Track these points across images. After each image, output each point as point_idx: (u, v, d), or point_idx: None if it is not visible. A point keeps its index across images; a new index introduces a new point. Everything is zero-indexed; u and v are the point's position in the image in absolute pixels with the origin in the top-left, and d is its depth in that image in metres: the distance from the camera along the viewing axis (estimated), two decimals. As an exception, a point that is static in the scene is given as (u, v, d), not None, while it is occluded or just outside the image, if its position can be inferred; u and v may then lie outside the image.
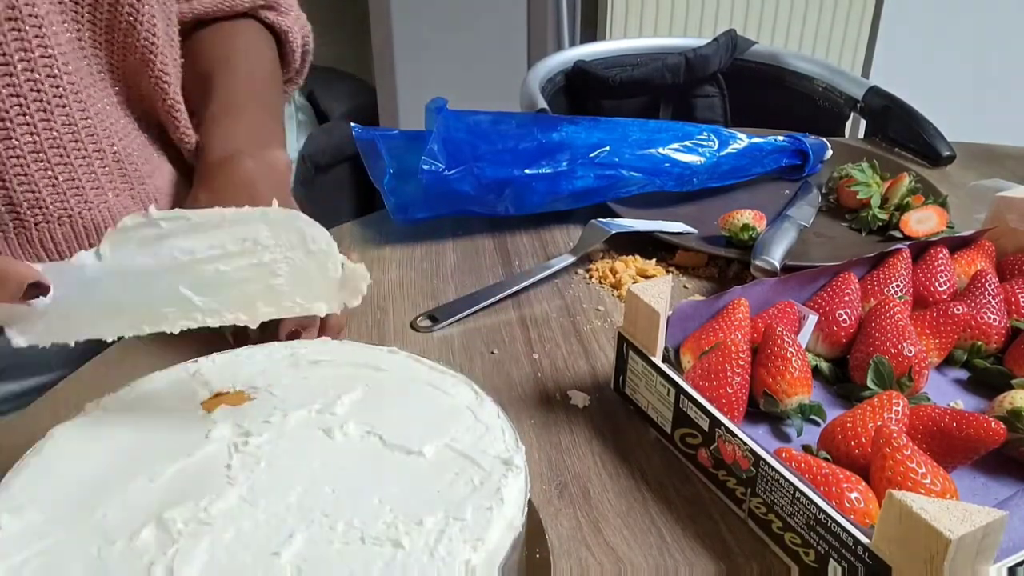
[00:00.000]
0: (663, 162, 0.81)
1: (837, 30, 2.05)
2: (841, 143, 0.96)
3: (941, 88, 1.99)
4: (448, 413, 0.43)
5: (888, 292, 0.61)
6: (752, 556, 0.46)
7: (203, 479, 0.39)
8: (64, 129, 0.60)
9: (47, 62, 0.58)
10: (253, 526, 0.36)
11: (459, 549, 0.35)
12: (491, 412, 0.44)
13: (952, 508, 0.37)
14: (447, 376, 0.46)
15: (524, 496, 0.39)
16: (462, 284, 0.72)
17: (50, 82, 0.58)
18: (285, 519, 0.37)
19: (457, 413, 0.43)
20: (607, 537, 0.47)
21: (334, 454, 0.40)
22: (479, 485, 0.39)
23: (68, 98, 0.60)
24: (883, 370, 0.55)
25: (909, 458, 0.44)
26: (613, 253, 0.76)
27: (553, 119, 0.83)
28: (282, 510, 0.37)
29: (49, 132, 0.59)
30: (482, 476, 0.39)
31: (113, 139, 0.64)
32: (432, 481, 0.39)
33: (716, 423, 0.48)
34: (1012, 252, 0.67)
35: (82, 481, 0.39)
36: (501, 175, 0.76)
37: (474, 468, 0.40)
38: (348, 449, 0.41)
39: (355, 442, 0.41)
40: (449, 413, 0.43)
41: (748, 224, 0.73)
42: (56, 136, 0.60)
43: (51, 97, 0.59)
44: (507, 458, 0.40)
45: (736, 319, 0.56)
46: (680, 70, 1.27)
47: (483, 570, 0.35)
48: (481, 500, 0.38)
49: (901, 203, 0.80)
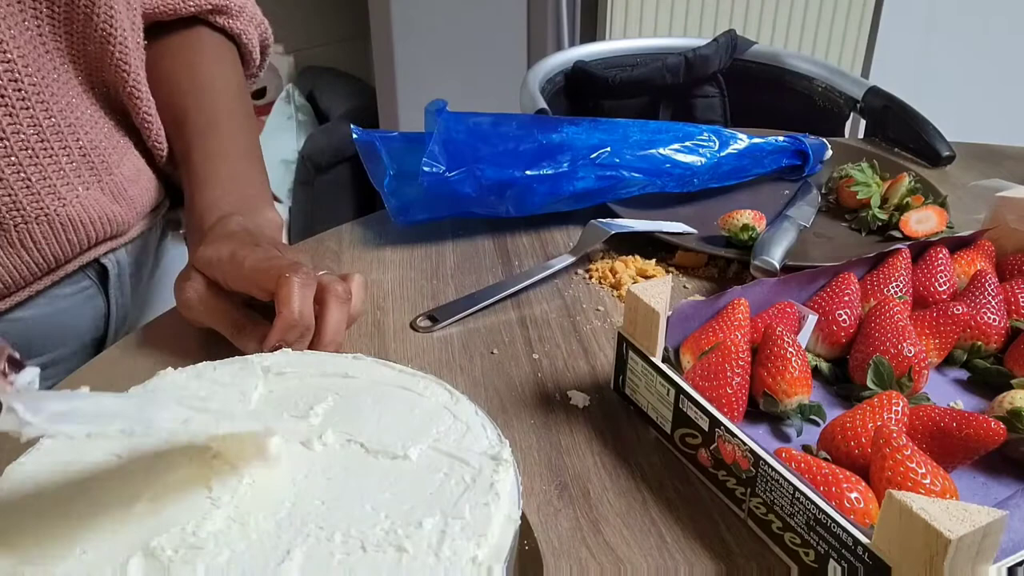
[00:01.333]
0: (664, 163, 0.81)
1: (837, 30, 2.05)
2: (841, 143, 0.96)
3: (941, 88, 2.00)
4: (426, 415, 0.43)
5: (888, 292, 0.61)
6: (752, 556, 0.46)
7: (183, 502, 0.37)
8: (31, 131, 0.61)
9: (7, 67, 0.58)
10: (247, 546, 0.35)
11: (463, 547, 0.35)
12: (468, 410, 0.43)
13: (952, 508, 0.37)
14: (417, 378, 0.46)
15: (517, 489, 0.39)
16: (462, 284, 0.72)
17: (12, 87, 0.59)
18: (279, 536, 0.36)
19: (435, 414, 0.43)
20: (607, 537, 0.47)
21: (317, 465, 0.40)
22: (471, 483, 0.38)
23: (31, 100, 0.60)
24: (883, 370, 0.55)
25: (909, 458, 0.44)
26: (613, 253, 0.76)
27: (553, 120, 0.83)
28: (274, 527, 0.36)
29: (17, 136, 0.60)
30: (473, 474, 0.39)
31: (79, 133, 0.65)
32: (423, 483, 0.39)
33: (716, 423, 0.48)
34: (1012, 252, 0.67)
35: (53, 512, 0.37)
36: (502, 177, 0.76)
37: (463, 467, 0.39)
38: (330, 459, 0.40)
39: (336, 451, 0.40)
40: (427, 415, 0.43)
41: (748, 224, 0.73)
42: (24, 138, 0.60)
43: (15, 101, 0.59)
44: (495, 454, 0.40)
45: (736, 319, 0.56)
46: (680, 70, 1.27)
47: (489, 564, 0.35)
48: (477, 497, 0.38)
49: (901, 203, 0.80)
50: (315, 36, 2.62)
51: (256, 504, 0.37)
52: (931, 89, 1.90)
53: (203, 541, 0.35)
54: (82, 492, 0.38)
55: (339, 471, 0.39)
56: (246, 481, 0.38)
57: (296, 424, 0.42)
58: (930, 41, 2.09)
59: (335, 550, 0.35)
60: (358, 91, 2.47)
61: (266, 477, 0.39)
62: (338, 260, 0.75)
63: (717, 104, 1.34)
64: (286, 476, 0.39)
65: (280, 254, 0.58)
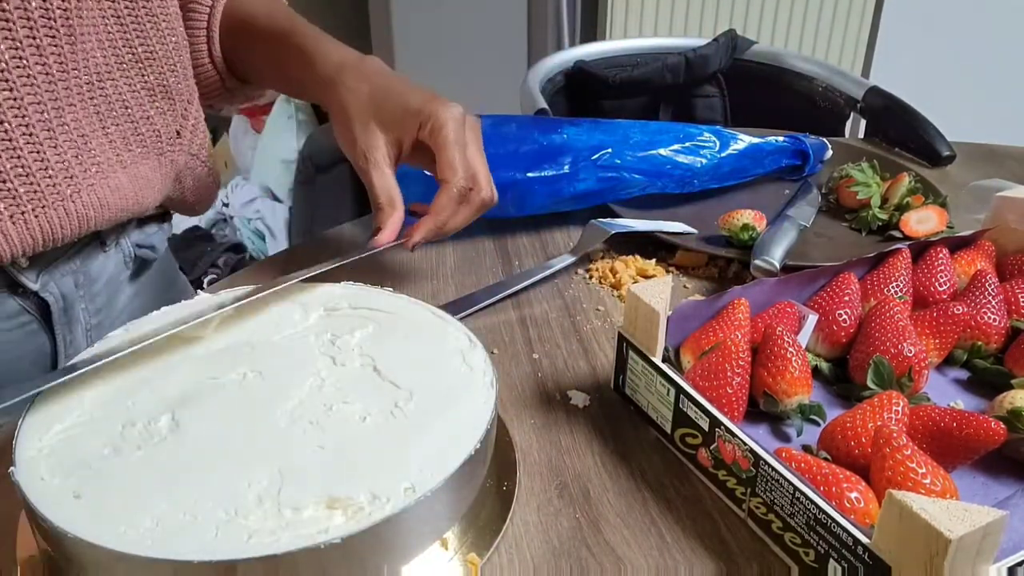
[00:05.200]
0: (665, 164, 0.81)
1: (837, 30, 2.05)
2: (841, 143, 0.96)
3: (941, 88, 1.99)
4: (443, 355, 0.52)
5: (888, 292, 0.61)
6: (752, 556, 0.46)
7: (215, 388, 0.48)
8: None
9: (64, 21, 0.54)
10: (253, 402, 0.47)
11: None
12: (480, 357, 0.51)
13: (952, 508, 0.37)
14: (447, 323, 0.54)
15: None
16: (462, 284, 0.72)
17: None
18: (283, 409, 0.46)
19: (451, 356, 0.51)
20: (607, 537, 0.47)
21: (334, 376, 0.49)
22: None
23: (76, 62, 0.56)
24: (883, 370, 0.55)
25: (909, 458, 0.44)
26: (613, 253, 0.76)
27: (553, 121, 0.83)
28: (280, 408, 0.46)
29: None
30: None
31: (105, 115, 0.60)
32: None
33: (716, 423, 0.48)
34: (1012, 252, 0.67)
35: (126, 377, 0.48)
36: (503, 178, 0.76)
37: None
38: (348, 375, 0.49)
39: (356, 370, 0.49)
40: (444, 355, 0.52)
41: (748, 224, 0.73)
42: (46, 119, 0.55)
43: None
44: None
45: (736, 319, 0.56)
46: (680, 70, 1.27)
47: None
48: None
49: (901, 203, 0.80)
50: (315, 36, 2.61)
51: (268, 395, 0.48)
52: (931, 89, 1.90)
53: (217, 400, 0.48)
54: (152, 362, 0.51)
55: (350, 385, 0.48)
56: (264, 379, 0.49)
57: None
58: (930, 41, 2.09)
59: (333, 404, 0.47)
60: (358, 91, 2.47)
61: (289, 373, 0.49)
62: (338, 260, 0.75)
63: (717, 104, 1.34)
64: (308, 377, 0.49)
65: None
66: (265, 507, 0.39)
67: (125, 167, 0.62)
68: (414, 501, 0.39)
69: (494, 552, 0.46)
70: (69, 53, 0.56)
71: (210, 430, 0.44)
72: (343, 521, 0.39)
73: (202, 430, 0.44)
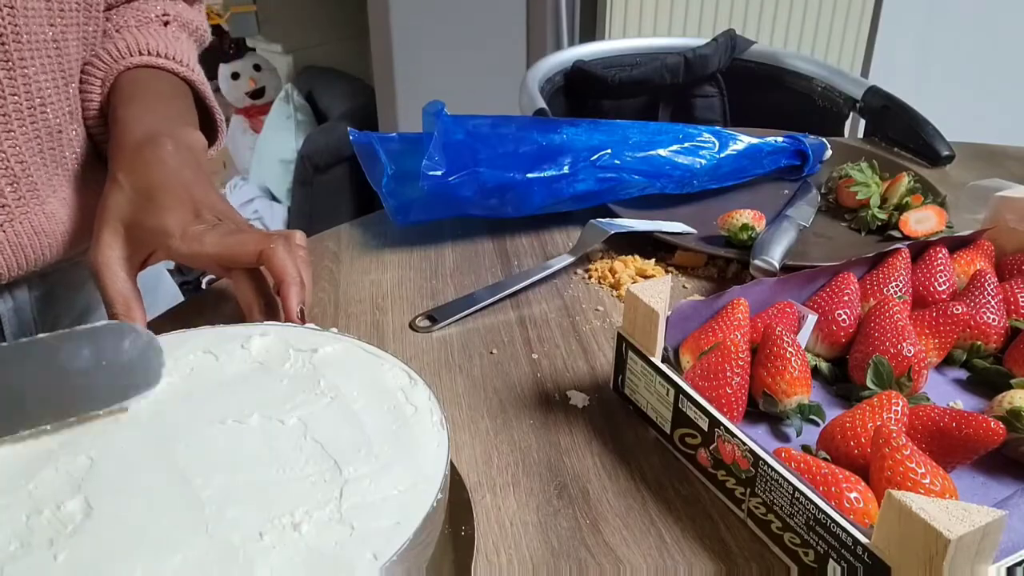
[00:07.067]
0: (664, 164, 0.81)
1: (837, 30, 2.05)
2: (840, 143, 0.96)
3: (941, 88, 2.00)
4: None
5: (887, 292, 0.61)
6: (751, 556, 0.46)
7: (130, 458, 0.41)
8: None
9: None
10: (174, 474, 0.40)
11: None
12: (423, 395, 0.45)
13: (951, 508, 0.37)
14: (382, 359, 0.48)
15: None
16: (461, 284, 0.72)
17: None
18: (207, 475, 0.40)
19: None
20: (606, 537, 0.47)
21: (246, 436, 0.42)
22: None
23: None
24: (882, 370, 0.55)
25: (908, 458, 0.44)
26: (612, 253, 0.76)
27: (553, 122, 0.83)
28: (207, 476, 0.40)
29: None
30: None
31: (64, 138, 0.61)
32: None
33: (715, 423, 0.48)
34: (1011, 252, 0.67)
35: (23, 452, 0.41)
36: (502, 179, 0.76)
37: None
38: (260, 434, 0.43)
39: (265, 428, 0.43)
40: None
41: (747, 224, 0.73)
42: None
43: None
44: None
45: (735, 319, 0.56)
46: (679, 70, 1.27)
47: None
48: None
49: (900, 203, 0.80)
50: (314, 36, 2.62)
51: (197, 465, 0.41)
52: (931, 89, 1.90)
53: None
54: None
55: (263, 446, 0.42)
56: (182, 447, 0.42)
57: None
58: (929, 41, 2.09)
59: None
60: (357, 91, 2.47)
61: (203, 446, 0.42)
62: (337, 260, 0.75)
63: (717, 104, 1.34)
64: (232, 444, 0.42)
65: (229, 222, 0.56)
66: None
67: (58, 193, 0.61)
68: None
69: (493, 553, 0.46)
70: (6, 79, 0.56)
71: (129, 509, 0.38)
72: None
73: (120, 510, 0.38)
